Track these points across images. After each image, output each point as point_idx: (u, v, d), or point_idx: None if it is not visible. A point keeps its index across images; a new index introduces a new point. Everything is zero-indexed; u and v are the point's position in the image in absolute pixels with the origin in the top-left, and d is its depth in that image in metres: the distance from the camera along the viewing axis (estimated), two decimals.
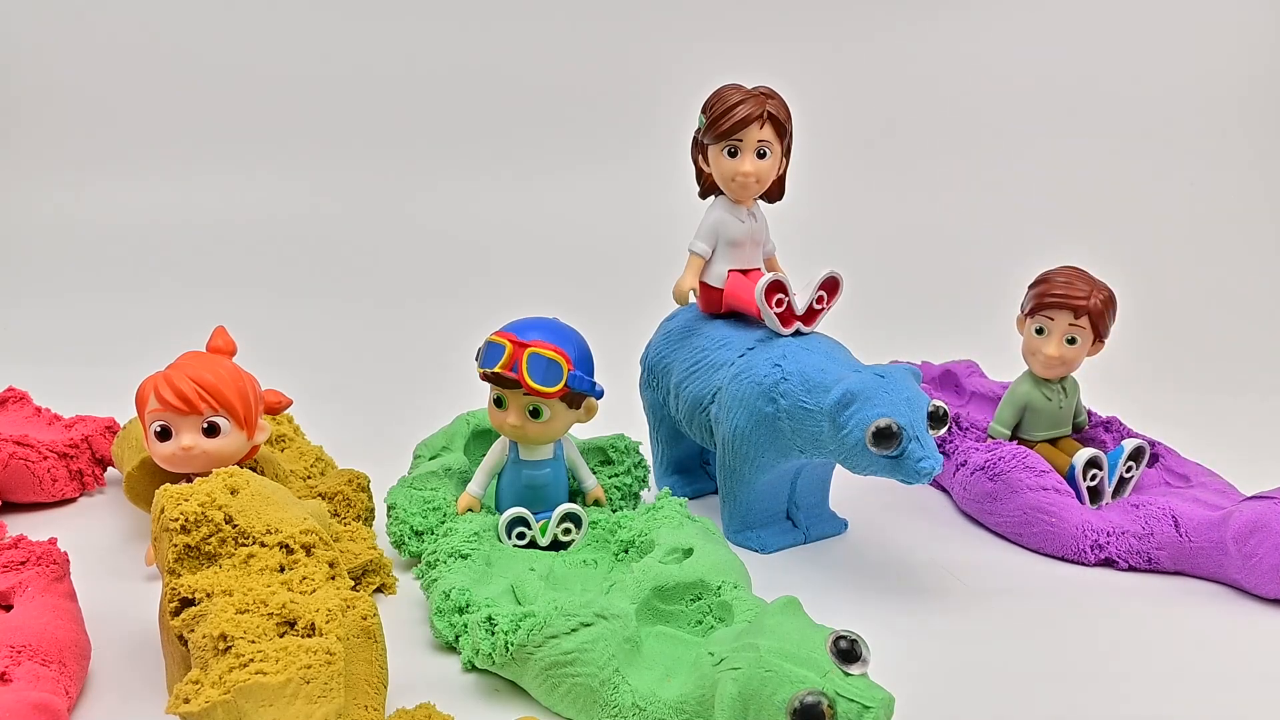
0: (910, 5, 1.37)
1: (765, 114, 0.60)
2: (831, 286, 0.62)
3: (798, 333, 0.62)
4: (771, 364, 0.60)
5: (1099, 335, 0.66)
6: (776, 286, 0.61)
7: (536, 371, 0.55)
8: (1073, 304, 0.64)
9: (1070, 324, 0.65)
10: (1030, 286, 0.67)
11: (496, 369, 0.55)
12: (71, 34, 1.38)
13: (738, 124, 0.60)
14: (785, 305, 0.61)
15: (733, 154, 0.61)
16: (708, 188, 0.65)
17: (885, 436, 0.53)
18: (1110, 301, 0.65)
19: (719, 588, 0.51)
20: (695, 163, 0.65)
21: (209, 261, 1.26)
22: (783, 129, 0.62)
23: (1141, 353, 0.98)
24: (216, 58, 1.40)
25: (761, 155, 0.61)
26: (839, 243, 1.19)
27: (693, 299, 0.65)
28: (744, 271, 0.64)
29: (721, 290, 0.64)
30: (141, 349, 0.80)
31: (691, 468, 0.72)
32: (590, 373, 0.58)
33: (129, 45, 1.38)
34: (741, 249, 0.64)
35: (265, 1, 1.39)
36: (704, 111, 0.62)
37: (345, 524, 0.60)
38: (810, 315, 0.62)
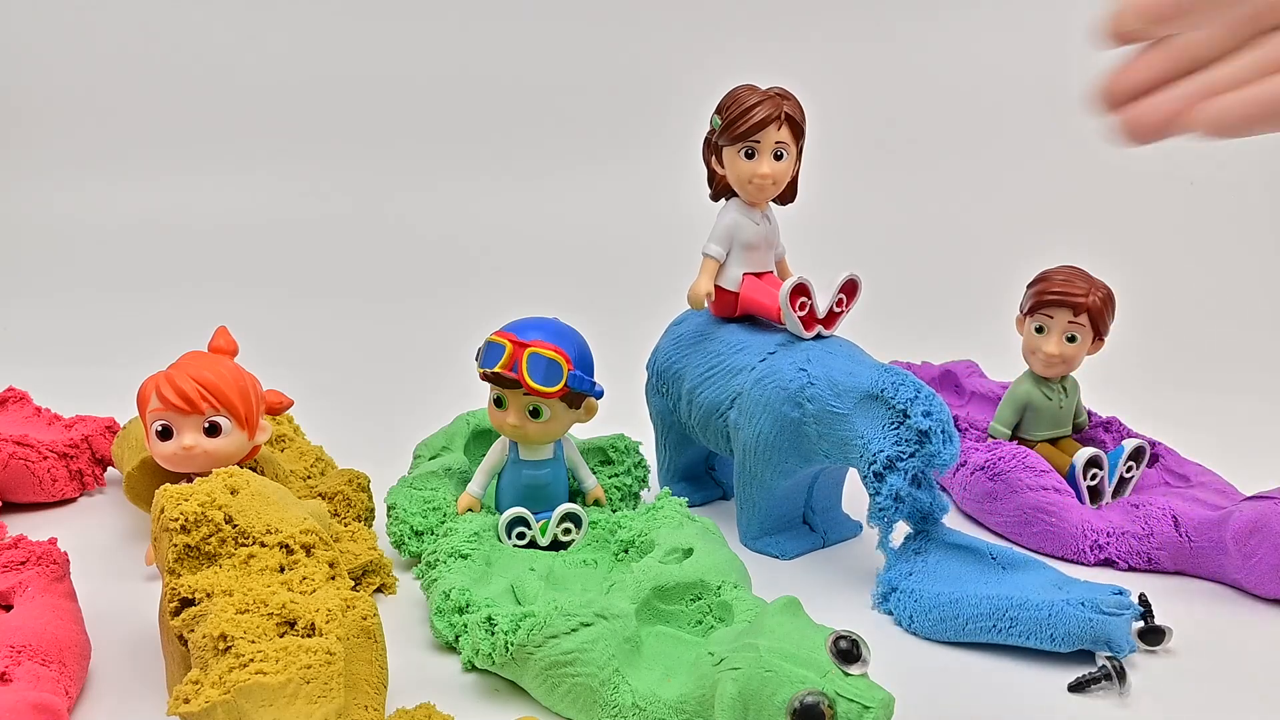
0: (917, 5, 1.37)
1: (782, 115, 0.60)
2: (850, 289, 0.62)
3: (819, 336, 0.62)
4: (796, 368, 0.60)
5: (1098, 333, 0.66)
6: (801, 290, 0.60)
7: (536, 371, 0.55)
8: (1072, 301, 0.64)
9: (1069, 321, 0.65)
10: (1029, 286, 0.67)
11: (496, 369, 0.55)
12: (71, 34, 1.38)
13: (755, 126, 0.59)
14: (808, 309, 0.61)
15: (750, 155, 0.60)
16: (720, 190, 0.64)
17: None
18: (1109, 299, 0.65)
19: (719, 588, 0.51)
20: (708, 164, 0.64)
21: (210, 262, 1.26)
22: (799, 130, 0.61)
23: (1141, 353, 0.98)
24: (217, 58, 1.40)
25: (779, 157, 0.61)
26: (839, 243, 1.19)
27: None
28: (757, 275, 0.64)
29: (736, 294, 0.64)
30: (142, 349, 0.80)
31: (699, 474, 0.72)
32: (590, 373, 0.58)
33: (129, 45, 1.39)
34: (756, 252, 0.63)
35: (267, 2, 1.39)
36: (719, 113, 0.61)
37: (345, 524, 0.60)
38: (830, 318, 0.62)
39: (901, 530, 0.59)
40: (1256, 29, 0.43)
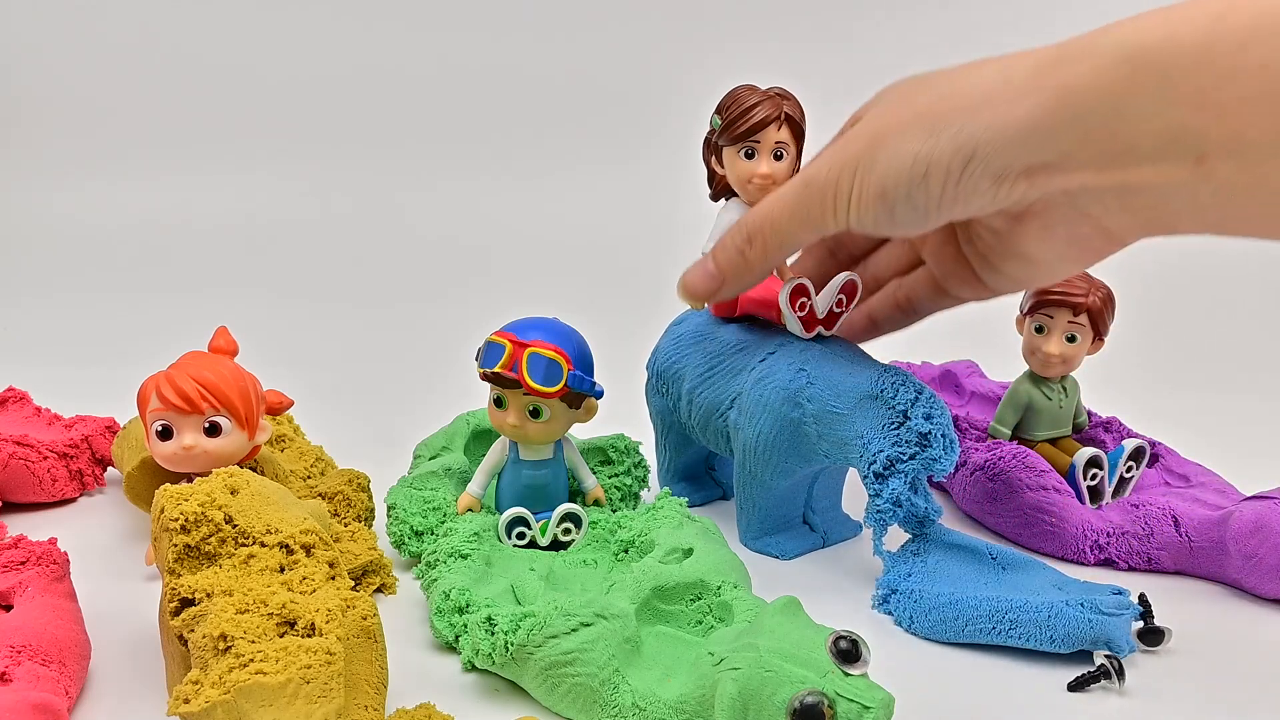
0: (917, 5, 1.37)
1: (783, 115, 0.60)
2: (851, 290, 0.62)
3: (819, 336, 0.62)
4: (796, 369, 0.60)
5: (1098, 333, 0.66)
6: (800, 290, 0.60)
7: (536, 371, 0.55)
8: (1072, 301, 0.64)
9: (1069, 321, 0.65)
10: None
11: (496, 369, 0.55)
12: (71, 34, 1.38)
13: (755, 126, 0.59)
14: (808, 309, 0.61)
15: (750, 155, 0.60)
16: (720, 190, 0.64)
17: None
18: (1109, 299, 0.65)
19: (719, 588, 0.51)
20: (707, 164, 0.64)
21: (210, 262, 1.27)
22: (799, 131, 0.61)
23: (1141, 353, 0.98)
24: (217, 58, 1.40)
25: (778, 157, 0.60)
26: None
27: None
28: None
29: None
30: (141, 349, 0.80)
31: (699, 474, 0.72)
32: (590, 372, 0.58)
33: (129, 46, 1.39)
34: None
35: (266, 2, 1.39)
36: (719, 113, 0.61)
37: (345, 524, 0.60)
38: (830, 319, 0.62)
39: (894, 535, 0.59)
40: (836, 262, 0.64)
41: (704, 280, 0.56)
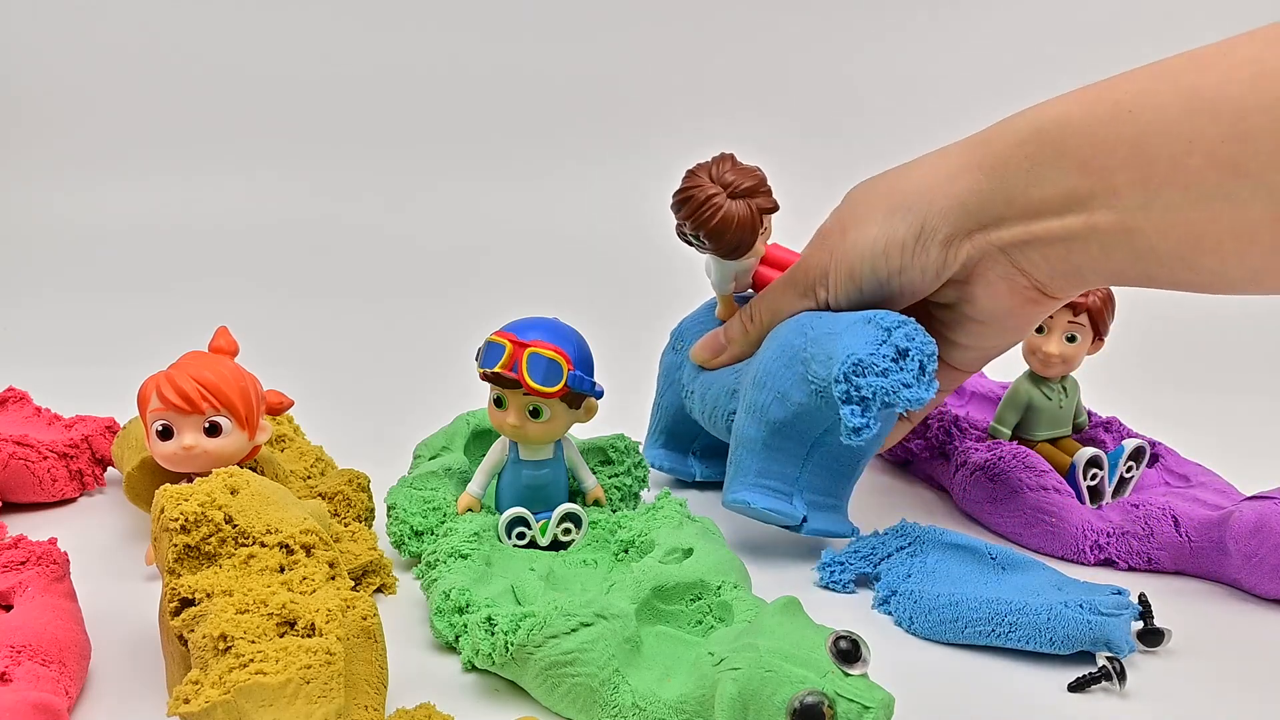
0: (915, 6, 1.37)
1: (754, 215, 0.61)
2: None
3: None
4: (816, 315, 0.61)
5: (1098, 333, 0.66)
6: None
7: (536, 371, 0.55)
8: (1072, 301, 0.64)
9: (1069, 321, 0.65)
10: None
11: (496, 369, 0.55)
12: (71, 34, 1.38)
13: (743, 238, 0.62)
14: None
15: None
16: None
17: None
18: (1109, 300, 0.65)
19: (719, 588, 0.51)
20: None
21: (210, 262, 1.27)
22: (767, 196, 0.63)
23: (1141, 353, 0.98)
24: (216, 58, 1.40)
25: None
26: None
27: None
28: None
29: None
30: (141, 349, 0.80)
31: (681, 448, 0.73)
32: (590, 373, 0.58)
33: (129, 46, 1.39)
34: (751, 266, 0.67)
35: (266, 3, 1.39)
36: (690, 222, 0.62)
37: (345, 524, 0.60)
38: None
39: (878, 521, 0.59)
40: None
41: (710, 341, 0.66)
